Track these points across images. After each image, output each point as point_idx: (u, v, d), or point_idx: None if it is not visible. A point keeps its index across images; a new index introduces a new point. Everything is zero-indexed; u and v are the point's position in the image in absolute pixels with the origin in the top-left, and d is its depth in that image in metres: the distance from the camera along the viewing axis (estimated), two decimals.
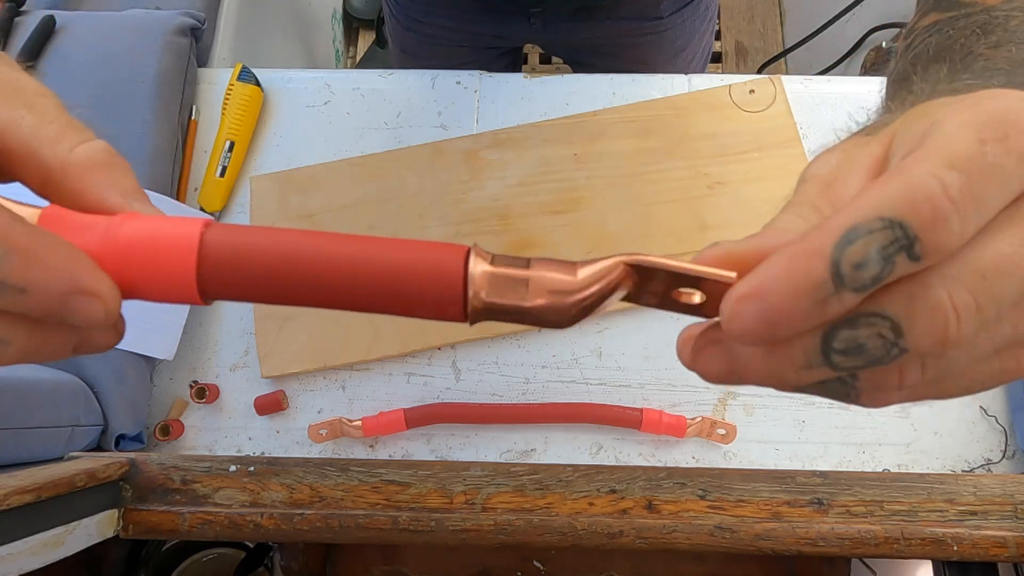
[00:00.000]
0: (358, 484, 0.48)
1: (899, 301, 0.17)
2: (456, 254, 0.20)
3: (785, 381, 0.19)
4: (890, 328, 0.17)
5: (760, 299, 0.17)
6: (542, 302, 0.20)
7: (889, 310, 0.17)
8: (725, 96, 0.69)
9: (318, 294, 0.20)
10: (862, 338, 0.17)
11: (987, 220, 0.17)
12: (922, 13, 0.38)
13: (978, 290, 0.17)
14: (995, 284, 0.17)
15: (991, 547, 0.44)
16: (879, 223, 0.16)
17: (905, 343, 0.17)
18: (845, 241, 0.16)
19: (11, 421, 0.51)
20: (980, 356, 0.19)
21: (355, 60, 1.71)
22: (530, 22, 0.79)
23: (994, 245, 0.17)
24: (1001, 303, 0.17)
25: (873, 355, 0.17)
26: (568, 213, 0.67)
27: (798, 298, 0.17)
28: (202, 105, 0.73)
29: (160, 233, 0.20)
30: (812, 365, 0.18)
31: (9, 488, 0.38)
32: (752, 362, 0.19)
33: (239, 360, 0.66)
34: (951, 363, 0.19)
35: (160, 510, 0.47)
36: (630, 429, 0.62)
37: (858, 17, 1.33)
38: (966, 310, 0.17)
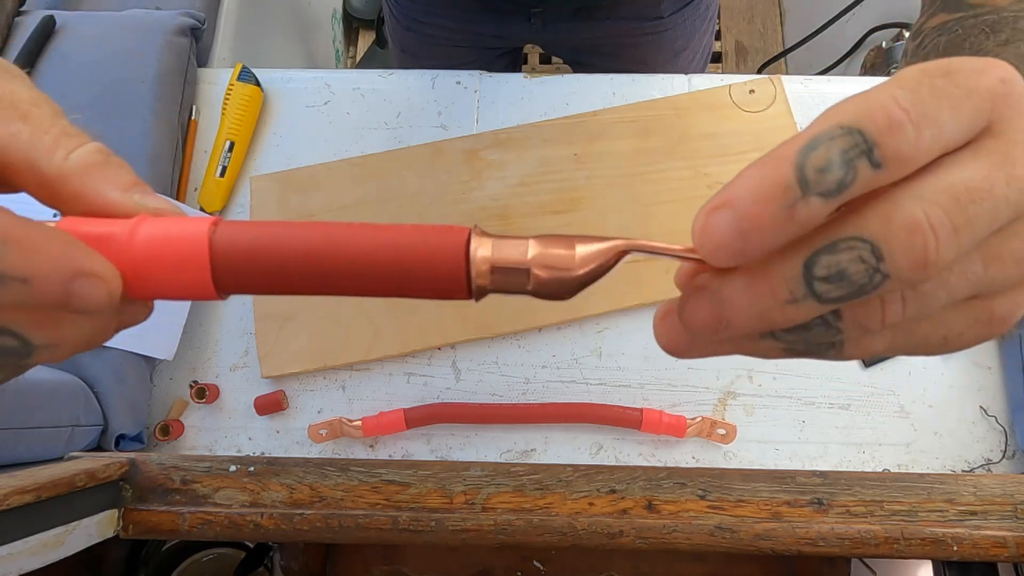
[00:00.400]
0: (358, 484, 0.48)
1: (876, 222, 0.18)
2: (458, 236, 0.21)
3: (771, 321, 0.19)
4: (870, 251, 0.18)
5: (730, 207, 0.18)
6: (542, 276, 0.21)
7: (867, 233, 0.18)
8: (725, 96, 0.69)
9: (328, 282, 0.21)
10: (843, 263, 0.18)
11: (944, 140, 0.18)
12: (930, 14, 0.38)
13: (952, 211, 0.18)
14: (968, 207, 0.18)
15: (991, 547, 0.44)
16: (839, 130, 0.17)
17: (886, 267, 0.18)
18: (808, 148, 0.17)
19: (11, 421, 0.51)
20: (955, 296, 0.19)
21: (355, 60, 1.71)
22: (530, 22, 0.79)
23: (964, 172, 0.18)
24: (975, 229, 0.18)
25: (856, 281, 0.18)
26: (568, 213, 0.67)
27: (767, 203, 0.17)
28: (202, 105, 0.73)
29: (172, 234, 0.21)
30: (796, 297, 0.18)
31: (9, 488, 0.38)
32: (736, 298, 0.19)
33: (239, 360, 0.66)
34: (929, 299, 0.19)
35: (160, 510, 0.47)
36: (630, 429, 0.62)
37: (858, 17, 1.33)
38: (943, 229, 0.17)
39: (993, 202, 0.18)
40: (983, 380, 0.63)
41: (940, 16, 0.37)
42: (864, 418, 0.62)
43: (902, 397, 0.63)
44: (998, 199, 0.18)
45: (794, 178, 0.17)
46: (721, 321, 0.20)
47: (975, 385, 0.63)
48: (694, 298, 0.20)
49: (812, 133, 0.17)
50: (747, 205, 0.17)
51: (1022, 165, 0.18)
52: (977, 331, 0.21)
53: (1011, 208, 0.18)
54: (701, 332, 0.20)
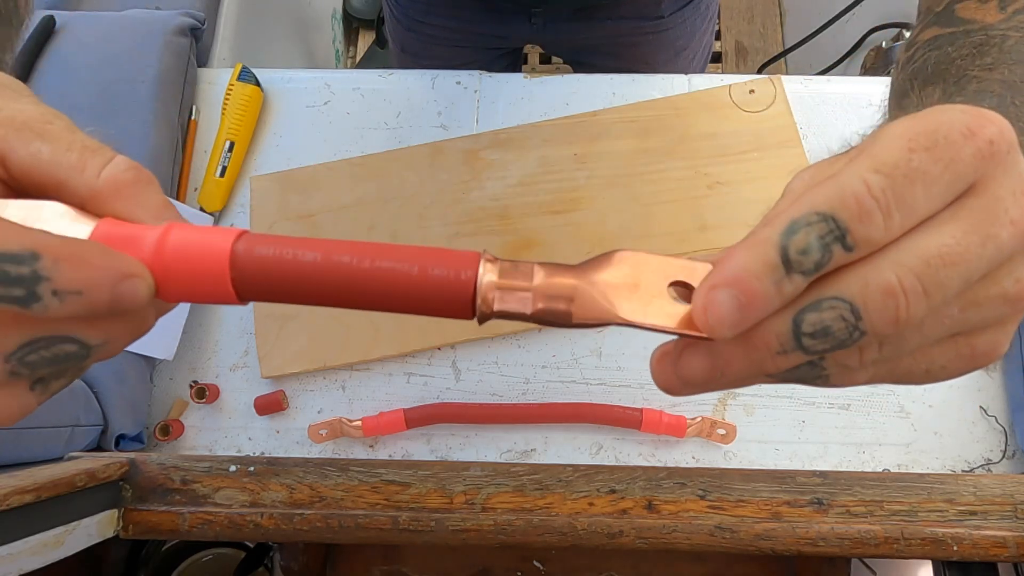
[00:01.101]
0: (358, 484, 0.48)
1: (855, 285, 0.20)
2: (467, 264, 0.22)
3: (763, 369, 0.21)
4: (850, 311, 0.20)
5: (728, 285, 0.19)
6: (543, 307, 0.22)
7: (847, 294, 0.20)
8: (725, 96, 0.69)
9: (341, 298, 0.23)
10: (827, 320, 0.20)
11: (918, 217, 0.20)
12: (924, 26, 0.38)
13: (924, 275, 0.20)
14: (939, 271, 0.20)
15: (991, 547, 0.44)
16: (815, 217, 0.19)
17: (863, 325, 0.20)
18: (789, 232, 0.19)
19: None
20: (932, 339, 0.21)
21: (355, 60, 1.71)
22: (531, 22, 0.79)
23: (937, 238, 0.20)
24: (946, 290, 0.20)
25: (838, 337, 0.20)
26: (568, 213, 0.67)
27: (760, 280, 0.19)
28: (202, 105, 0.73)
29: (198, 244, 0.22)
30: (786, 350, 0.20)
31: (9, 488, 0.38)
32: (731, 352, 0.21)
33: (239, 360, 0.66)
34: (905, 343, 0.21)
35: (160, 510, 0.47)
36: (630, 429, 0.62)
37: (858, 17, 1.33)
38: (913, 293, 0.19)
39: (966, 265, 0.20)
40: (983, 380, 0.63)
41: (933, 29, 0.37)
42: (864, 418, 0.62)
43: (902, 397, 0.63)
44: (971, 261, 0.20)
45: (779, 259, 0.19)
46: (716, 372, 0.21)
47: (975, 385, 0.63)
48: (689, 352, 0.22)
49: (792, 216, 0.19)
50: (743, 283, 0.19)
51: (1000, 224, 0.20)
52: (960, 365, 0.22)
53: (985, 264, 0.20)
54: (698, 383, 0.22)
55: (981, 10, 0.35)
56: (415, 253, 0.22)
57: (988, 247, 0.20)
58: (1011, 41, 0.33)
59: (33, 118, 0.24)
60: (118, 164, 0.24)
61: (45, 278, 0.20)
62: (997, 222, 0.20)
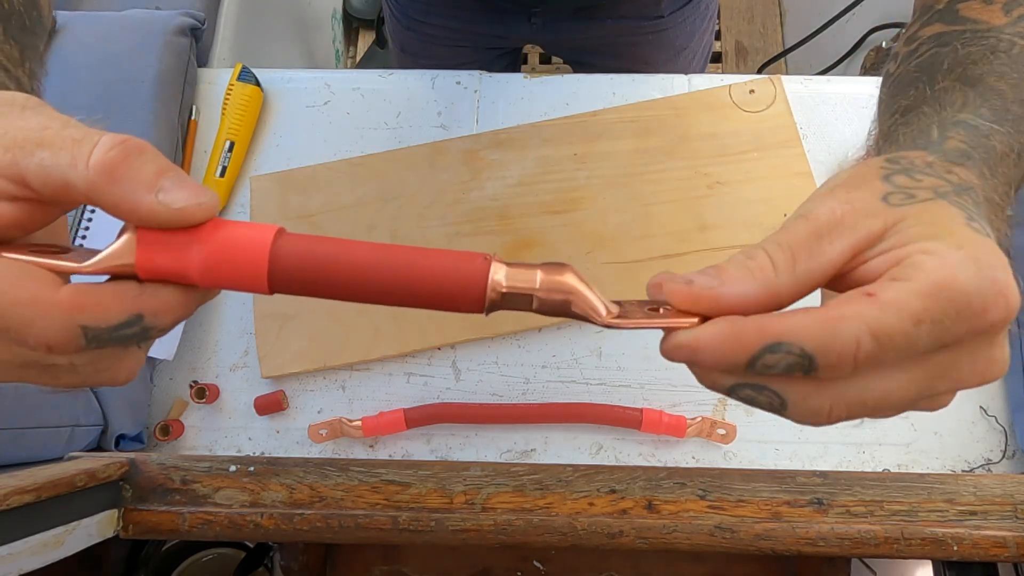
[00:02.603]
0: (358, 484, 0.48)
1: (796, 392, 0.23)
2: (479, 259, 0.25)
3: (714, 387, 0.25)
4: (780, 404, 0.24)
5: (692, 351, 0.23)
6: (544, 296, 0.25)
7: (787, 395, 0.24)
8: (725, 96, 0.69)
9: (363, 293, 0.25)
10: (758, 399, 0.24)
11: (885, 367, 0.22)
12: (924, 22, 0.38)
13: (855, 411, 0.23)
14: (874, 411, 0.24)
15: (991, 547, 0.44)
16: (797, 350, 0.22)
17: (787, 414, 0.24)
18: (768, 349, 0.22)
19: (11, 421, 0.51)
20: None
21: (355, 60, 1.71)
22: (531, 22, 0.78)
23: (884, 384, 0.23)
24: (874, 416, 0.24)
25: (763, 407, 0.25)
26: (568, 213, 0.67)
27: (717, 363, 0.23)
28: (202, 105, 0.73)
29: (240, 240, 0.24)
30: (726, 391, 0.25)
31: (9, 488, 0.38)
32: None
33: (239, 360, 0.66)
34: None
35: (160, 510, 0.47)
36: (630, 429, 0.62)
37: (858, 17, 1.33)
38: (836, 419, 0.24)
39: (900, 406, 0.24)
40: None
41: (936, 26, 0.37)
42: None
43: None
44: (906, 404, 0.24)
45: (745, 362, 0.22)
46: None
47: None
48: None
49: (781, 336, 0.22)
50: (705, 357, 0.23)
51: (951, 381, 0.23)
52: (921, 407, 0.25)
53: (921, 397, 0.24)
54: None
55: (987, 11, 0.35)
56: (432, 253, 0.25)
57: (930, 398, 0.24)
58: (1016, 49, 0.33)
59: (32, 129, 0.24)
60: (102, 146, 0.23)
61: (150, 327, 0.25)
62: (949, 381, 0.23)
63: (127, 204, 0.23)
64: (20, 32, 0.35)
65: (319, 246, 0.24)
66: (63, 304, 0.23)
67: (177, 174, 0.24)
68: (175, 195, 0.23)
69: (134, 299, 0.24)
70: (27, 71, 0.34)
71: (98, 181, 0.23)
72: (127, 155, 0.23)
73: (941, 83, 0.33)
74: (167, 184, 0.24)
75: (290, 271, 0.24)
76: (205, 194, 0.24)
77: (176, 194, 0.24)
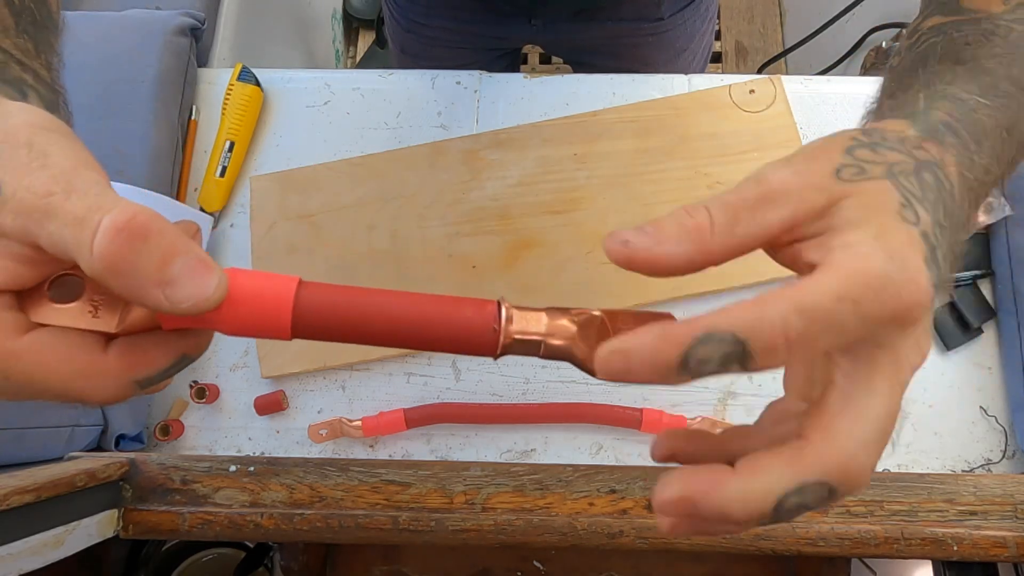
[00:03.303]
0: (358, 484, 0.48)
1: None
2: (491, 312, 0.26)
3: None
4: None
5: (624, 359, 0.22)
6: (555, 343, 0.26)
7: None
8: (725, 96, 0.69)
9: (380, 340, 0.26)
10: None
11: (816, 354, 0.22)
12: (925, 15, 0.38)
13: None
14: None
15: (991, 547, 0.44)
16: (730, 337, 0.21)
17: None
18: (700, 342, 0.21)
19: (11, 421, 0.51)
20: None
21: (355, 60, 1.71)
22: (531, 23, 0.78)
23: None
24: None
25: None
26: (568, 213, 0.67)
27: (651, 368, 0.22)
28: (202, 105, 0.73)
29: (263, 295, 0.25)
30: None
31: (9, 488, 0.38)
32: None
33: (239, 360, 0.66)
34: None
35: (160, 510, 0.47)
36: (630, 429, 0.62)
37: (858, 17, 1.33)
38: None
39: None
40: (983, 380, 0.63)
41: (936, 18, 0.37)
42: None
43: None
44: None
45: (678, 362, 0.21)
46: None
47: (975, 385, 0.63)
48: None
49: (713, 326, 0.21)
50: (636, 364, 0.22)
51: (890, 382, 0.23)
52: None
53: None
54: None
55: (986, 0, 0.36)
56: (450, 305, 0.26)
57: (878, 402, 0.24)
58: (1014, 35, 0.34)
59: (38, 194, 0.23)
60: (104, 235, 0.22)
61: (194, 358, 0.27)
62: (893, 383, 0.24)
63: (136, 298, 0.23)
64: (32, 27, 0.35)
65: (338, 296, 0.26)
66: (115, 369, 0.25)
67: (184, 260, 0.23)
68: (182, 292, 0.23)
69: (176, 346, 0.25)
70: (43, 63, 0.34)
71: (103, 274, 0.22)
72: (131, 244, 0.22)
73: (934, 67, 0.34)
74: (174, 275, 0.23)
75: (311, 323, 0.25)
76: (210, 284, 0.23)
77: (183, 291, 0.23)
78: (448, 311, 0.26)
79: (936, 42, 0.35)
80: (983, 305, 0.63)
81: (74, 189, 0.23)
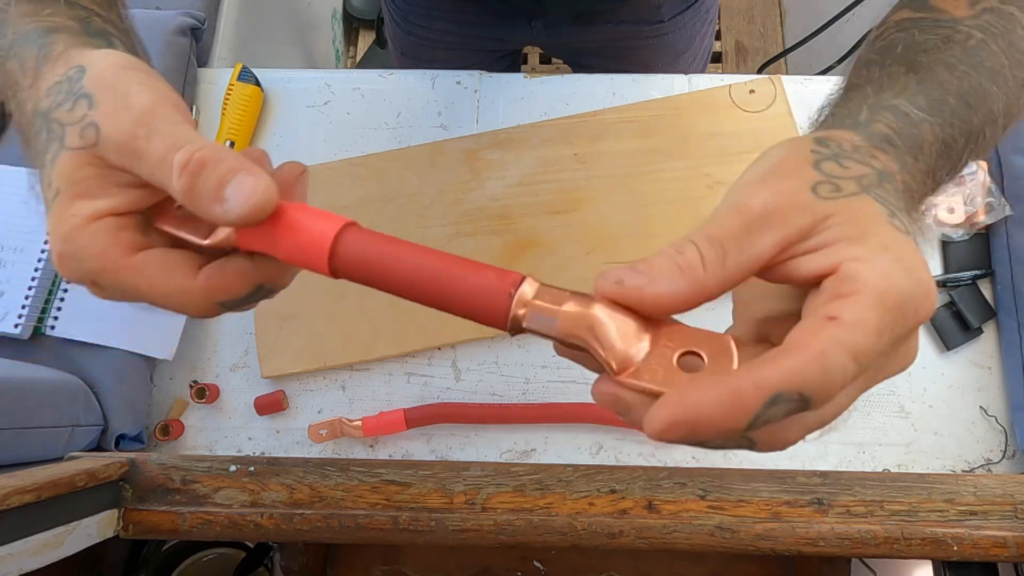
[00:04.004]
0: (358, 484, 0.48)
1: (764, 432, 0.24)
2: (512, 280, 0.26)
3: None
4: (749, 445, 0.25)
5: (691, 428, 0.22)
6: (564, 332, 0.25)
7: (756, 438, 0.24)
8: (725, 96, 0.69)
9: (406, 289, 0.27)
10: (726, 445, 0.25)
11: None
12: (896, 8, 0.38)
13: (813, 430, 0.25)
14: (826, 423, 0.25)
15: (991, 547, 0.44)
16: (796, 396, 0.21)
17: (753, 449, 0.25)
18: (770, 403, 0.21)
19: (11, 421, 0.51)
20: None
21: (355, 60, 1.71)
22: (531, 26, 0.78)
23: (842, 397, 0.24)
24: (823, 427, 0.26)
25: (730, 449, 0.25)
26: (568, 213, 0.67)
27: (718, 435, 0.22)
28: (202, 105, 0.73)
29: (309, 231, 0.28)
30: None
31: (9, 488, 0.38)
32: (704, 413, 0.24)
33: (239, 360, 0.66)
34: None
35: (160, 510, 0.47)
36: (630, 429, 0.62)
37: (858, 17, 1.33)
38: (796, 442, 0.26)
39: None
40: (983, 380, 0.63)
41: (904, 11, 0.37)
42: (864, 418, 0.62)
43: (902, 397, 0.63)
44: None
45: (746, 424, 0.22)
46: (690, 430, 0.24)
47: (975, 385, 0.63)
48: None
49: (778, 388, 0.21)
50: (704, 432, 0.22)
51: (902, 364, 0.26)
52: None
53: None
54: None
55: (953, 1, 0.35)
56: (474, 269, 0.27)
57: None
58: (973, 42, 0.33)
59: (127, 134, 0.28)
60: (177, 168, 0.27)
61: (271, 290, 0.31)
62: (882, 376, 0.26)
63: (206, 215, 0.27)
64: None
65: (376, 243, 0.28)
66: (202, 290, 0.29)
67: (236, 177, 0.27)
68: (232, 204, 0.27)
69: (253, 276, 0.29)
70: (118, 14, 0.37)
71: (182, 199, 0.27)
72: (194, 176, 0.27)
73: (890, 67, 0.34)
74: (227, 193, 0.27)
75: (347, 262, 0.28)
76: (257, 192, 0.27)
77: (233, 203, 0.27)
78: (472, 271, 0.27)
79: (898, 39, 0.35)
80: (983, 305, 0.63)
81: (154, 130, 0.28)
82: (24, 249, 0.61)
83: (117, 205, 0.29)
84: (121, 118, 0.28)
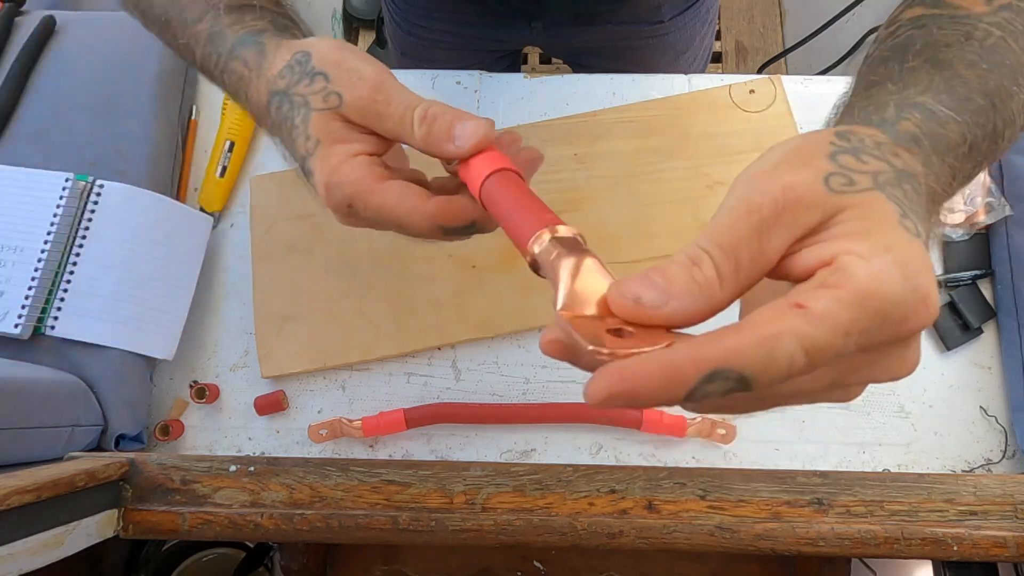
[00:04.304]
0: (358, 484, 0.48)
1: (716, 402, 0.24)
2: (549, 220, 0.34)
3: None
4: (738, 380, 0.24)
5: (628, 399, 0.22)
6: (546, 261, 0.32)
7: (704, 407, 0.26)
8: (725, 96, 0.69)
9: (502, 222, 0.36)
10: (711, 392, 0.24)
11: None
12: (907, 4, 0.38)
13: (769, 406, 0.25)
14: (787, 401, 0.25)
15: (991, 547, 0.45)
16: (736, 375, 0.21)
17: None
18: (707, 379, 0.21)
19: (11, 421, 0.51)
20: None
21: None
22: (530, 26, 0.78)
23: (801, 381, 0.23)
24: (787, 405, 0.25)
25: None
26: (568, 213, 0.67)
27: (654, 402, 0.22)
28: (202, 105, 0.73)
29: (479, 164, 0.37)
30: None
31: (9, 488, 0.38)
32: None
33: (239, 360, 0.66)
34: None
35: (160, 510, 0.47)
36: (630, 429, 0.62)
37: (858, 17, 1.33)
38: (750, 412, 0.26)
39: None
40: (983, 380, 0.63)
41: (918, 8, 0.36)
42: (864, 418, 0.62)
43: (902, 397, 0.63)
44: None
45: (683, 396, 0.22)
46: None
47: (975, 385, 0.63)
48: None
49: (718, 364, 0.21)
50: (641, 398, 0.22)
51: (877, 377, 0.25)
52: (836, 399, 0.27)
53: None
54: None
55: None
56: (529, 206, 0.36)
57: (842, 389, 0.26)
58: (991, 40, 0.33)
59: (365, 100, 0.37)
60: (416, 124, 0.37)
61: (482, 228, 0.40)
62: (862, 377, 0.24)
63: (442, 154, 0.37)
64: None
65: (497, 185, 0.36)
66: (430, 213, 0.37)
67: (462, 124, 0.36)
68: (459, 141, 0.36)
69: (470, 211, 0.37)
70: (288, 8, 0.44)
71: (422, 147, 0.37)
72: (430, 127, 0.36)
73: (911, 63, 0.33)
74: (457, 133, 0.36)
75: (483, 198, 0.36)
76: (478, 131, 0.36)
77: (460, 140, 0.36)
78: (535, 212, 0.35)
79: (915, 35, 0.35)
80: (983, 305, 0.63)
81: (390, 97, 0.37)
82: (24, 249, 0.61)
83: (367, 147, 0.37)
84: (359, 87, 0.36)
